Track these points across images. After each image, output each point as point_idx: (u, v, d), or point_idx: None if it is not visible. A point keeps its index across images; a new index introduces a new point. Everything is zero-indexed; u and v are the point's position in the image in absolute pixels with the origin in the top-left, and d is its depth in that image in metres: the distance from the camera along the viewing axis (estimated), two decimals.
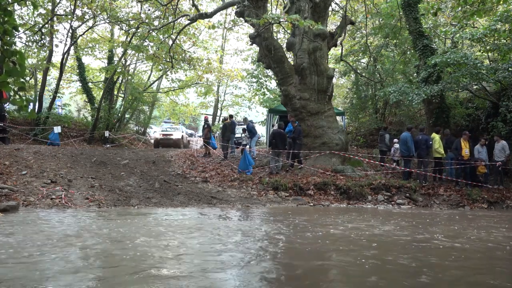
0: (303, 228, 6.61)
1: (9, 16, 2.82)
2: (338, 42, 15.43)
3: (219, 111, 34.86)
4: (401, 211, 9.48)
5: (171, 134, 22.09)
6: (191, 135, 33.11)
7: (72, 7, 15.94)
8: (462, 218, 8.62)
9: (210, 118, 28.32)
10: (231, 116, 15.92)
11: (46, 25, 15.74)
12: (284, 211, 8.70)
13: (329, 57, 17.87)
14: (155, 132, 28.40)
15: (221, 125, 18.98)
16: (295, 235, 6.03)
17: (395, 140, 13.00)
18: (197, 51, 25.00)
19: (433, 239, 6.13)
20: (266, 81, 25.05)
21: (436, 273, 4.41)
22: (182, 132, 23.82)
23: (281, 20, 10.58)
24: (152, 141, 24.80)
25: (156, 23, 17.30)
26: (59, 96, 22.24)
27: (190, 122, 41.75)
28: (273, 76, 20.45)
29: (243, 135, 15.39)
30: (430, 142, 11.64)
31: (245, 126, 15.28)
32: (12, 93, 2.87)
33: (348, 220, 7.64)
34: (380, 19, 18.95)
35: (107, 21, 19.78)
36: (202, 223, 6.87)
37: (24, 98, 2.96)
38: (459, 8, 11.46)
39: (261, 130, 22.02)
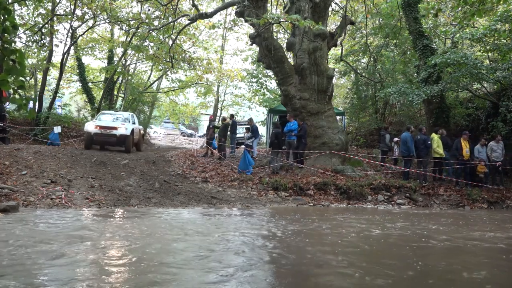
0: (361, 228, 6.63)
1: (8, 15, 2.82)
2: (338, 42, 15.43)
3: (219, 111, 34.88)
4: (431, 211, 9.50)
5: (114, 128, 14.08)
6: (191, 135, 32.97)
7: (72, 7, 15.95)
8: (505, 218, 8.71)
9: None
10: (232, 116, 15.89)
11: (46, 25, 15.75)
12: (313, 210, 8.77)
13: (329, 57, 17.87)
14: (88, 122, 16.07)
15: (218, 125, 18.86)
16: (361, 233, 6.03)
17: (396, 139, 12.99)
18: (197, 51, 25.02)
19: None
20: (266, 81, 25.07)
21: None
22: (134, 124, 15.47)
23: (281, 20, 10.58)
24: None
25: (156, 23, 17.32)
26: (59, 96, 22.25)
27: (190, 122, 41.76)
28: (273, 76, 20.43)
29: (246, 134, 15.36)
30: (429, 142, 11.63)
31: (249, 126, 15.28)
32: (11, 92, 2.86)
33: (391, 220, 7.74)
34: (380, 19, 18.96)
35: (107, 21, 19.79)
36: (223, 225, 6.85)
37: (23, 97, 2.96)
38: (459, 8, 11.45)
39: (261, 130, 22.00)
